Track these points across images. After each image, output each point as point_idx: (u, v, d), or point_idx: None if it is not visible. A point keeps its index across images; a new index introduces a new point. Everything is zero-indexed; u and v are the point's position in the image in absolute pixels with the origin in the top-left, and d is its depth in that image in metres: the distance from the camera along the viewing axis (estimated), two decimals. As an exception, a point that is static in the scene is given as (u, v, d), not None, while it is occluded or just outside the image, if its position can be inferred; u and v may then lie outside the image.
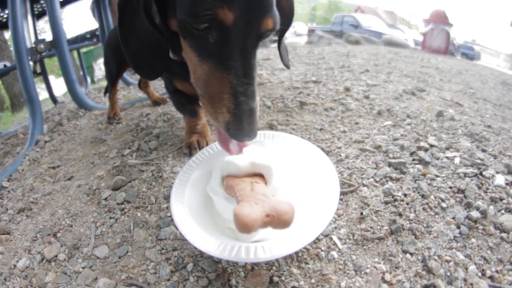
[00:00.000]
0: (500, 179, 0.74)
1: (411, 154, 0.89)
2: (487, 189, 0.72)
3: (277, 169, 0.54)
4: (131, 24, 0.64)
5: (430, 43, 5.72)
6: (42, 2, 2.30)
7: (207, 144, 0.98)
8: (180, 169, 0.90)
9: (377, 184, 0.76)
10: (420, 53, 4.80)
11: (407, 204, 0.68)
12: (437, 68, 2.94)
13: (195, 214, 0.59)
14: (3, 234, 0.78)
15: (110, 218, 0.75)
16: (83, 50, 3.21)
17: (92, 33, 2.43)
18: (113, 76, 1.35)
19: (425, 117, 1.20)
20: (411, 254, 0.56)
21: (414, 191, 0.71)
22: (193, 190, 0.64)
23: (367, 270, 0.54)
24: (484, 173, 0.77)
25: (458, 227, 0.60)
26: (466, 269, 0.53)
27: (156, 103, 1.59)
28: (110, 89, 1.41)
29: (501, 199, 0.68)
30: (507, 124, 1.40)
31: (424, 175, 0.78)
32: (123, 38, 0.66)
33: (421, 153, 0.87)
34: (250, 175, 0.52)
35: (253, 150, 0.59)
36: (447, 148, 0.95)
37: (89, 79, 2.97)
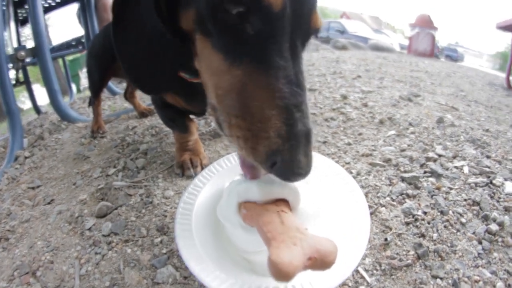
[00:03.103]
0: (510, 187, 0.75)
1: (421, 166, 0.86)
2: (499, 198, 0.73)
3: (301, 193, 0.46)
4: (130, 27, 0.51)
5: (416, 46, 5.85)
6: (27, 7, 2.18)
7: (201, 163, 0.88)
8: (171, 192, 0.80)
9: (395, 203, 0.72)
10: (407, 57, 4.89)
11: (428, 223, 0.66)
12: (426, 72, 2.98)
13: (204, 243, 0.50)
14: (-26, 270, 0.67)
15: (96, 253, 0.66)
16: (69, 58, 3.07)
17: (78, 40, 2.31)
18: (96, 86, 1.25)
19: (427, 124, 1.18)
20: (441, 278, 0.54)
21: (432, 208, 0.70)
22: (200, 214, 0.56)
23: None
24: (494, 181, 0.79)
25: (480, 243, 0.60)
26: (494, 286, 0.53)
27: (143, 114, 1.50)
28: (93, 101, 1.31)
29: None
30: (501, 126, 1.42)
31: (438, 188, 0.76)
32: (119, 45, 0.53)
33: (431, 165, 0.85)
34: (272, 201, 0.44)
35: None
36: (454, 157, 0.94)
37: (74, 89, 2.83)
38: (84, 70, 4.47)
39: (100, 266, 0.62)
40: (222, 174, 0.63)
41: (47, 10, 2.33)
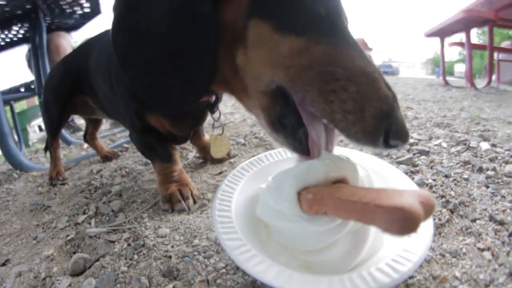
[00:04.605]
0: (484, 145, 0.89)
1: (408, 151, 0.93)
2: (481, 155, 0.85)
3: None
4: (143, 26, 0.42)
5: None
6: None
7: (192, 194, 0.78)
8: (167, 229, 0.68)
9: (407, 180, 0.76)
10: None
11: (441, 186, 0.71)
12: (373, 85, 3.30)
13: (274, 257, 0.41)
14: None
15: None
16: (16, 110, 2.77)
17: (27, 86, 2.11)
18: (55, 124, 1.10)
19: (394, 122, 1.30)
20: (479, 219, 0.59)
21: (437, 175, 0.75)
22: (242, 224, 0.46)
23: (464, 250, 0.51)
24: (471, 145, 0.91)
25: (487, 187, 0.69)
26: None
27: (107, 158, 1.35)
28: (51, 143, 1.15)
29: (496, 157, 0.82)
30: (453, 112, 1.64)
31: (432, 161, 0.83)
32: (123, 50, 0.43)
33: (417, 147, 0.92)
34: (331, 183, 0.38)
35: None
36: (430, 139, 1.04)
37: (23, 144, 2.52)
38: (33, 123, 4.08)
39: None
40: (251, 178, 0.55)
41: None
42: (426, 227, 0.39)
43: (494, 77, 3.59)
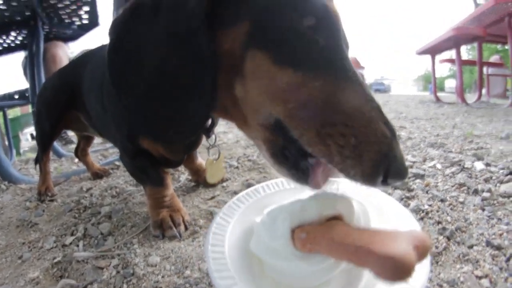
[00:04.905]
0: (479, 165, 0.91)
1: None
2: (476, 175, 0.87)
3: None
4: (141, 52, 0.41)
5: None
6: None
7: (183, 220, 0.76)
8: (157, 258, 0.66)
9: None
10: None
11: (437, 211, 0.71)
12: (366, 104, 3.38)
13: None
14: None
15: None
16: (9, 117, 2.71)
17: (21, 94, 2.07)
18: (46, 137, 1.07)
19: (388, 144, 1.32)
20: (476, 245, 0.59)
21: (433, 200, 0.76)
22: (236, 261, 0.45)
23: (462, 279, 0.52)
24: (465, 166, 0.93)
25: (483, 210, 0.69)
26: (516, 232, 0.61)
27: (97, 175, 1.32)
28: (41, 156, 1.12)
29: (491, 177, 0.84)
30: (446, 130, 1.67)
31: (427, 185, 0.83)
32: (120, 79, 0.42)
33: (411, 170, 0.93)
34: (326, 220, 0.38)
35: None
36: (424, 160, 1.05)
37: (14, 151, 2.47)
38: (26, 131, 3.99)
39: None
40: (246, 210, 0.54)
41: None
42: (422, 267, 0.38)
43: (484, 91, 3.67)
